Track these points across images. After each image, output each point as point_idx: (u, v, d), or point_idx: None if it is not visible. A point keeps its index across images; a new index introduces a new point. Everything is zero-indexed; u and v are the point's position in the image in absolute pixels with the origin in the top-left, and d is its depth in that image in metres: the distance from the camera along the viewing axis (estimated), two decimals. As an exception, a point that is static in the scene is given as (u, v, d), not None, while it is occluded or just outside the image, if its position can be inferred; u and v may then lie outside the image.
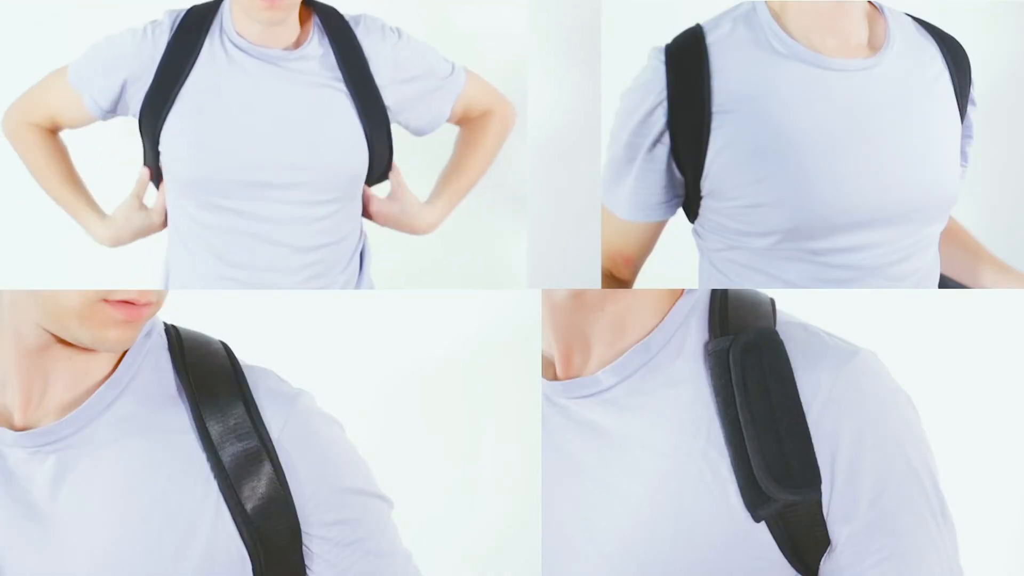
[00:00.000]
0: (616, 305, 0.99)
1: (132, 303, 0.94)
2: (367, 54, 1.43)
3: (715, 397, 0.95)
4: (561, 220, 1.36)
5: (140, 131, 1.41)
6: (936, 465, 0.96)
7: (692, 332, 0.99)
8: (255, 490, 0.95)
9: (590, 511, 0.97)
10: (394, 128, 1.49)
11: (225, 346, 1.02)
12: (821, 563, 0.95)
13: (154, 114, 1.38)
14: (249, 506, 0.95)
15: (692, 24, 1.28)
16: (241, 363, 1.01)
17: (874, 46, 1.26)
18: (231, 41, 1.39)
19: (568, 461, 1.00)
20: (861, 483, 0.92)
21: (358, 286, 1.52)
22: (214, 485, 0.95)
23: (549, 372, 1.03)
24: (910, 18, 1.31)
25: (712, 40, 1.25)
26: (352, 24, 1.44)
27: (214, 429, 0.96)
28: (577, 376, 1.01)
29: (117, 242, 1.47)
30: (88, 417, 0.96)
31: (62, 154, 1.50)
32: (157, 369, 1.00)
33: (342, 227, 1.46)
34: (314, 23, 1.43)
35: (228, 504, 0.95)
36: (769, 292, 1.04)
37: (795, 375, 0.94)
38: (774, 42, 1.24)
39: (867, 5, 1.27)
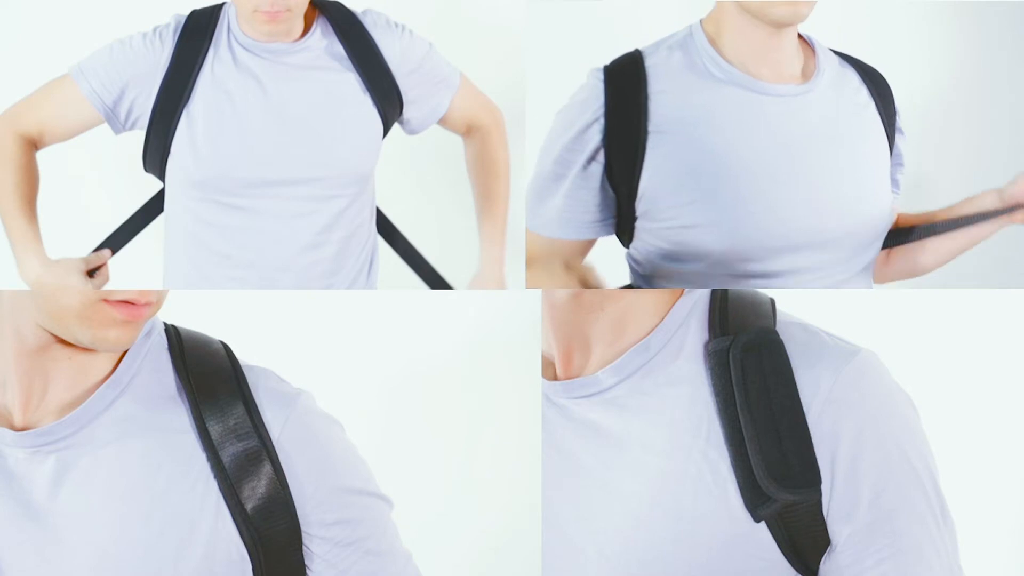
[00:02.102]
0: (616, 305, 0.99)
1: (132, 303, 0.94)
2: (378, 44, 1.43)
3: (715, 397, 0.95)
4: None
5: (148, 137, 1.41)
6: (936, 465, 0.96)
7: (692, 332, 0.99)
8: (255, 490, 0.95)
9: (590, 511, 0.97)
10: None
11: (225, 346, 1.02)
12: (821, 563, 0.94)
13: (165, 118, 1.38)
14: (249, 506, 0.95)
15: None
16: (241, 363, 1.01)
17: (806, 75, 1.27)
18: (237, 41, 1.40)
19: (568, 461, 1.00)
20: (861, 483, 0.92)
21: (368, 281, 1.52)
22: (214, 485, 0.95)
23: (549, 372, 1.03)
24: (833, 52, 1.32)
25: (651, 64, 1.25)
26: (359, 17, 1.45)
27: (214, 429, 0.96)
28: (577, 376, 1.01)
29: (39, 287, 1.35)
30: (88, 417, 0.96)
31: (32, 179, 1.43)
32: (157, 369, 1.00)
33: (353, 221, 1.46)
34: (317, 17, 1.44)
35: (228, 504, 0.95)
36: (769, 292, 1.04)
37: (795, 375, 0.94)
38: (711, 66, 1.25)
39: (796, 38, 1.28)
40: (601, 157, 1.24)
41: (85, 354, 0.97)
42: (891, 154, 1.31)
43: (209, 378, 0.98)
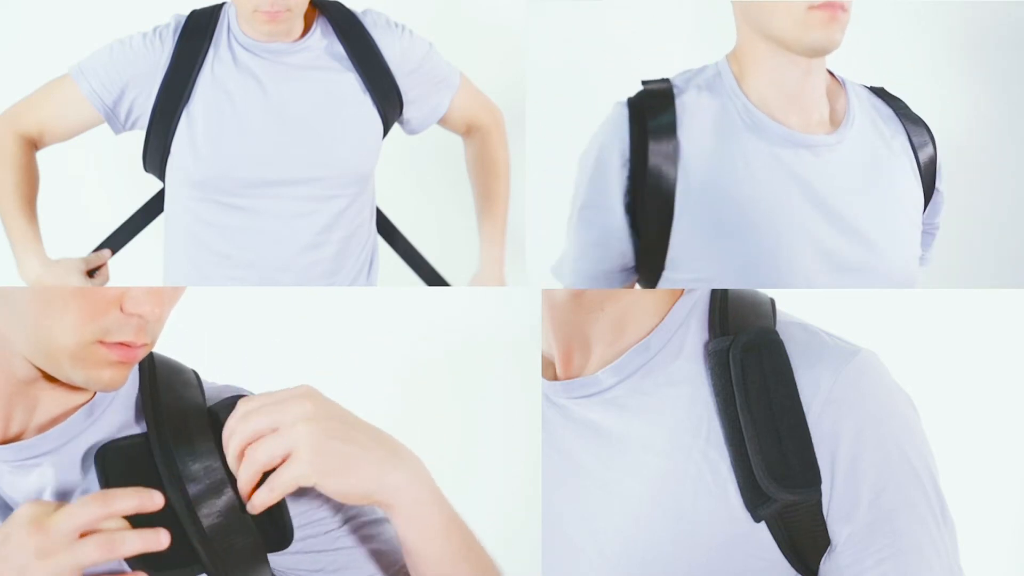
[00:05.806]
0: (616, 305, 0.99)
1: (128, 345, 0.91)
2: (378, 44, 1.44)
3: (715, 397, 0.95)
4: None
5: (148, 137, 1.41)
6: (936, 465, 0.96)
7: (692, 332, 0.99)
8: (214, 507, 0.91)
9: (590, 511, 0.97)
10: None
11: (196, 376, 1.00)
12: (821, 563, 0.94)
13: (165, 118, 1.38)
14: (206, 524, 0.91)
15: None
16: (208, 386, 0.99)
17: (835, 120, 1.22)
18: (237, 41, 1.40)
19: (568, 461, 1.00)
20: (861, 483, 0.92)
21: (368, 280, 1.53)
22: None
23: (549, 372, 1.03)
24: (874, 91, 1.27)
25: (681, 104, 1.20)
26: (359, 17, 1.45)
27: (184, 470, 0.92)
28: (577, 376, 1.01)
29: (38, 287, 1.30)
30: (64, 439, 0.95)
31: (32, 179, 1.43)
32: (127, 406, 0.98)
33: (353, 221, 1.46)
34: (317, 17, 1.44)
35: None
36: (769, 292, 1.04)
37: (795, 375, 0.94)
38: (741, 114, 1.19)
39: (829, 79, 1.23)
40: (626, 203, 1.20)
41: (71, 390, 0.95)
42: (924, 211, 1.25)
43: (176, 418, 0.95)
